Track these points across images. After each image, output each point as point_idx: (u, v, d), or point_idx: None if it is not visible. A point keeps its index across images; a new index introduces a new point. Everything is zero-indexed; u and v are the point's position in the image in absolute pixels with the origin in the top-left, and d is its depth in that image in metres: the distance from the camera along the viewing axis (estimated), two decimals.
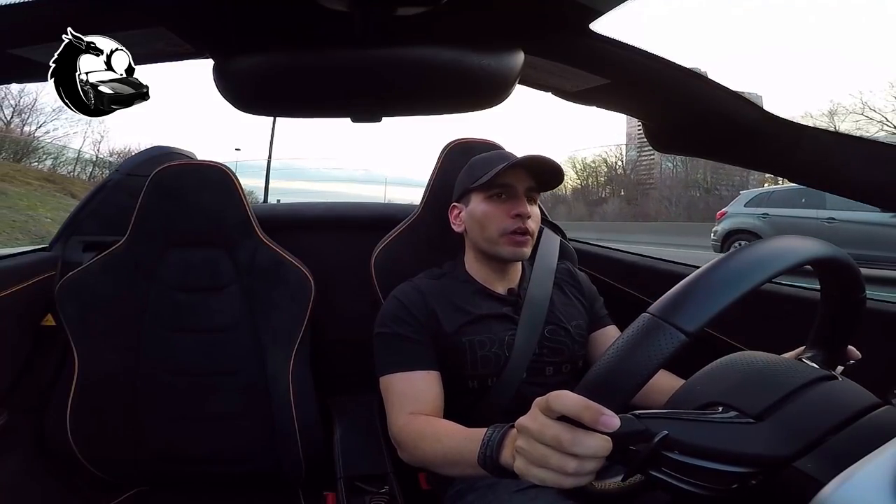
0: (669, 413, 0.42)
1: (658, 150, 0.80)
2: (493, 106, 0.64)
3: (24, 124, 14.99)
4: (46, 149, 14.62)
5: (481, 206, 0.85)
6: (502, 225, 0.83)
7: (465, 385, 0.81)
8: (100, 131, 16.12)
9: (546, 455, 0.40)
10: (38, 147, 14.76)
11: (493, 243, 0.84)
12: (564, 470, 0.39)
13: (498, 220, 0.83)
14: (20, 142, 14.49)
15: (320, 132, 75.86)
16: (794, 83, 40.40)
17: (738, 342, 0.86)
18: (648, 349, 0.37)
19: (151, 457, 0.96)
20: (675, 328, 0.37)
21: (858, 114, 17.29)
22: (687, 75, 0.61)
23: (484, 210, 0.84)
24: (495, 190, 0.84)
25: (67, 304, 0.96)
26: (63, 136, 15.25)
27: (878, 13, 27.22)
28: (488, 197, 0.85)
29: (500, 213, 0.83)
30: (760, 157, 0.71)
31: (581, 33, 0.55)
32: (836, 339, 0.54)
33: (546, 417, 0.41)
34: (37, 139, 15.01)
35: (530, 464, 0.42)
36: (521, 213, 0.82)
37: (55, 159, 14.72)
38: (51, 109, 15.20)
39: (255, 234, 1.02)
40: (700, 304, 0.38)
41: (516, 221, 0.82)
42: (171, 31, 0.53)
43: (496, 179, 0.82)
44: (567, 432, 0.39)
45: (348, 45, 0.55)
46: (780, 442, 0.40)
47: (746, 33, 40.15)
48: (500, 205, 0.84)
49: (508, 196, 0.84)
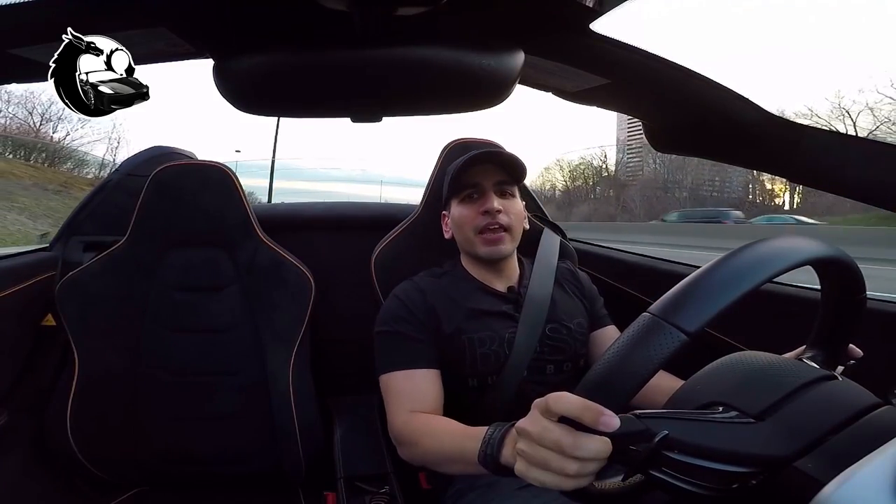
0: (670, 413, 0.42)
1: (658, 150, 0.80)
2: (494, 106, 0.64)
3: (53, 131, 16.00)
4: (79, 156, 15.07)
5: (457, 209, 0.88)
6: (474, 223, 0.85)
7: (465, 383, 0.81)
8: (117, 138, 16.62)
9: (547, 458, 0.40)
10: (69, 154, 15.39)
11: (471, 244, 0.86)
12: (565, 472, 0.39)
13: (470, 220, 0.85)
14: (50, 147, 15.28)
15: (317, 132, 75.89)
16: (792, 83, 40.41)
17: (738, 342, 0.86)
18: (649, 349, 0.37)
19: (151, 457, 0.96)
20: (675, 328, 0.37)
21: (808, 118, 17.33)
22: (687, 75, 0.61)
23: (459, 212, 0.87)
24: (466, 191, 0.86)
25: (68, 303, 0.96)
26: (87, 143, 15.90)
27: (878, 13, 27.23)
28: (461, 200, 0.87)
29: (471, 212, 0.85)
30: (760, 157, 0.71)
31: (581, 33, 0.55)
32: (837, 339, 0.54)
33: (546, 420, 0.41)
34: (66, 146, 15.86)
35: (531, 466, 0.42)
36: (487, 209, 0.83)
37: (79, 165, 15.08)
38: (77, 118, 16.02)
39: (255, 234, 1.02)
40: (701, 304, 0.38)
41: (486, 217, 0.84)
42: (171, 32, 0.53)
43: (461, 180, 0.85)
44: (568, 436, 0.39)
45: (348, 46, 0.55)
46: (781, 442, 0.40)
47: (747, 33, 40.15)
48: (471, 204, 0.86)
49: (479, 194, 0.86)
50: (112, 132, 16.43)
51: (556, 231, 1.09)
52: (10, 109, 14.41)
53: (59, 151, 15.35)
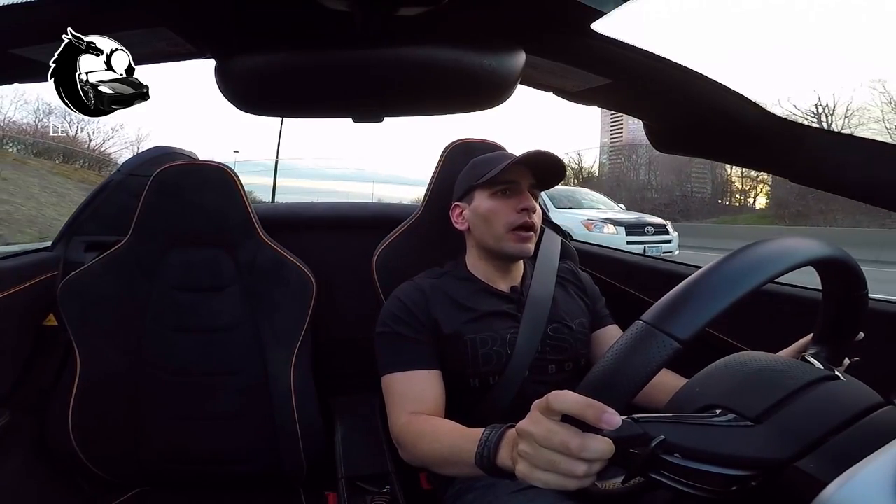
0: (667, 417, 0.42)
1: (659, 150, 0.80)
2: (495, 106, 0.64)
3: (90, 140, 17.47)
4: (113, 161, 16.56)
5: (487, 203, 0.85)
6: (508, 219, 0.83)
7: (466, 383, 0.81)
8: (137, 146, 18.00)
9: (553, 460, 0.40)
10: (105, 160, 16.72)
11: (499, 239, 0.84)
12: (574, 474, 0.39)
13: (504, 215, 0.84)
14: (88, 155, 16.59)
15: (313, 131, 75.75)
16: (794, 83, 40.42)
17: (738, 342, 0.86)
18: (642, 357, 0.37)
19: (153, 456, 0.96)
20: (668, 336, 0.37)
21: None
22: (688, 75, 0.61)
23: (490, 206, 0.85)
24: (500, 186, 0.85)
25: (69, 303, 0.96)
26: (116, 151, 17.47)
27: (878, 13, 27.24)
28: (493, 193, 0.85)
29: (506, 208, 0.84)
30: (761, 157, 0.71)
31: (582, 33, 0.55)
32: (840, 335, 0.54)
33: (549, 421, 0.40)
34: (102, 153, 17.29)
35: (535, 468, 0.42)
36: (527, 206, 0.83)
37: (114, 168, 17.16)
38: (109, 128, 17.54)
39: (256, 233, 1.02)
40: (693, 311, 0.37)
41: (522, 216, 0.83)
42: (172, 31, 0.53)
43: (501, 176, 0.83)
44: (576, 437, 0.38)
45: (350, 46, 0.55)
46: (779, 445, 0.40)
47: (747, 33, 40.18)
48: (506, 200, 0.84)
49: (513, 192, 0.85)
50: (136, 142, 17.83)
51: (557, 231, 1.09)
52: (51, 119, 16.03)
53: (97, 158, 16.93)
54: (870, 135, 12.15)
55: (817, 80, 36.35)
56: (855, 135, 0.72)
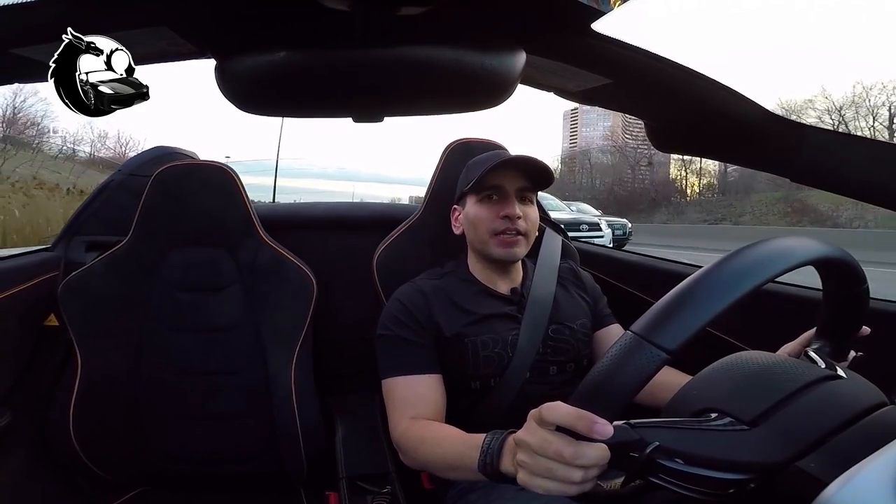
0: (663, 421, 0.42)
1: (659, 150, 0.80)
2: (496, 105, 0.64)
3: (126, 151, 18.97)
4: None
5: (473, 209, 0.86)
6: (491, 226, 0.83)
7: (466, 385, 0.81)
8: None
9: (550, 468, 0.40)
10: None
11: (484, 244, 0.85)
12: (571, 480, 0.40)
13: (487, 222, 0.84)
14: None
15: (289, 128, 75.60)
16: (793, 83, 40.36)
17: (738, 341, 0.86)
18: (631, 369, 0.37)
19: (153, 456, 0.96)
20: (656, 347, 0.37)
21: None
22: (689, 75, 0.61)
23: (475, 212, 0.86)
24: (486, 192, 0.85)
25: (70, 303, 0.96)
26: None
27: (878, 13, 27.17)
28: (480, 199, 0.86)
29: (490, 214, 0.84)
30: (762, 157, 0.71)
31: (583, 33, 0.55)
32: (842, 330, 0.54)
33: (544, 430, 0.41)
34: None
35: (534, 475, 0.42)
36: (508, 214, 0.82)
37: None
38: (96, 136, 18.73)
39: (256, 233, 1.02)
40: (680, 321, 0.38)
41: (505, 222, 0.82)
42: (172, 31, 0.53)
43: (485, 181, 0.83)
44: (569, 446, 0.39)
45: (350, 45, 0.55)
46: (774, 448, 0.40)
47: (747, 33, 40.11)
48: (491, 206, 0.84)
49: (500, 197, 0.84)
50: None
51: (557, 231, 1.09)
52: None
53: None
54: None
55: (816, 80, 36.26)
56: (855, 134, 0.72)
